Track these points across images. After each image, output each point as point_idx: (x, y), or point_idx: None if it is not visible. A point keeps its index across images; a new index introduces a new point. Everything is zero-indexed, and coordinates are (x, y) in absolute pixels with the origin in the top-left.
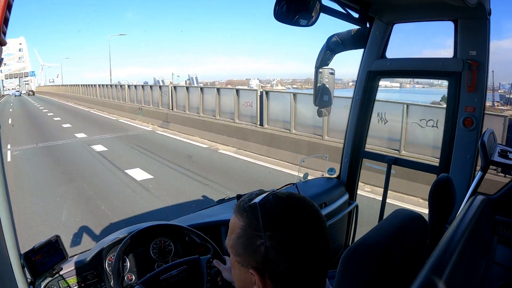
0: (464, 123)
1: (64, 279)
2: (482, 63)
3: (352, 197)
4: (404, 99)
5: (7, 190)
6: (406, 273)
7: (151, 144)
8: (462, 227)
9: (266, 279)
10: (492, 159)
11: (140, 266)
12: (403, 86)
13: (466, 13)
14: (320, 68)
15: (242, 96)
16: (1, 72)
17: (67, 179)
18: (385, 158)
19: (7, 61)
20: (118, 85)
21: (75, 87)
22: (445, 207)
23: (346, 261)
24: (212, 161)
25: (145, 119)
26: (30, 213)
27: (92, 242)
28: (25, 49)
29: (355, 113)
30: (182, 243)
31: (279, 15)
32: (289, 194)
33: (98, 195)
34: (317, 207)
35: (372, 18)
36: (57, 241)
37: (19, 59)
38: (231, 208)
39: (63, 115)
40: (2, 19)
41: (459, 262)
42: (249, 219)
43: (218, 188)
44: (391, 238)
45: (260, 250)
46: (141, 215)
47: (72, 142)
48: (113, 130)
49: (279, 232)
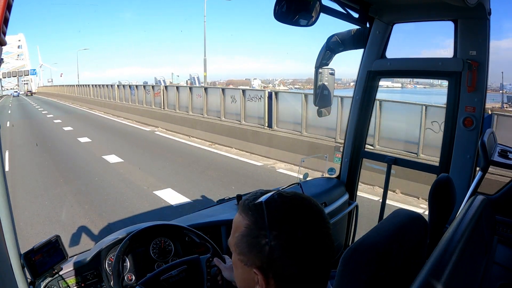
0: (464, 123)
1: (64, 279)
2: (482, 63)
3: (352, 197)
4: (406, 100)
5: (7, 190)
6: (406, 273)
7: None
8: (462, 227)
9: (270, 279)
10: (492, 159)
11: (140, 266)
12: (405, 86)
13: (466, 13)
14: (320, 68)
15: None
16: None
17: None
18: (385, 158)
19: (5, 58)
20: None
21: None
22: (445, 207)
23: (346, 261)
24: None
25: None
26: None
27: (91, 241)
28: (25, 46)
29: (355, 113)
30: (182, 243)
31: (279, 15)
32: (294, 194)
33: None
34: (322, 208)
35: (372, 18)
36: (57, 241)
37: (17, 56)
38: (231, 208)
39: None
40: (2, 19)
41: (459, 262)
42: (255, 217)
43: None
44: (391, 238)
45: (264, 249)
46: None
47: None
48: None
49: (284, 231)
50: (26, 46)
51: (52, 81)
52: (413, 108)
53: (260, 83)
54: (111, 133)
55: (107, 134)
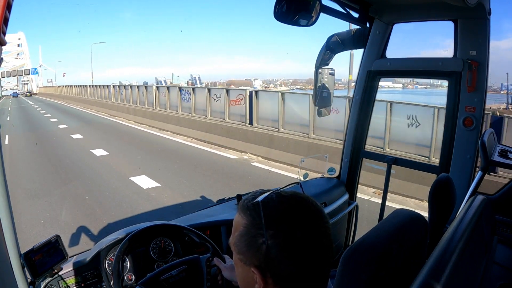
0: (464, 123)
1: (64, 279)
2: (482, 63)
3: (352, 197)
4: (407, 100)
5: (7, 190)
6: (406, 273)
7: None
8: (462, 227)
9: (268, 278)
10: (492, 159)
11: (140, 266)
12: (406, 86)
13: (466, 13)
14: (320, 68)
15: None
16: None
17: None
18: (385, 158)
19: (5, 57)
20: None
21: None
22: (445, 207)
23: (346, 261)
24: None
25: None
26: None
27: (91, 241)
28: (25, 45)
29: (355, 113)
30: (182, 243)
31: (279, 15)
32: (292, 193)
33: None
34: (321, 207)
35: (372, 18)
36: (57, 241)
37: (17, 55)
38: (231, 208)
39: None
40: (2, 19)
41: (459, 262)
42: (252, 217)
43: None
44: (391, 238)
45: (262, 249)
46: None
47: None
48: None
49: (281, 231)
50: (27, 45)
51: (52, 81)
52: (425, 111)
53: (261, 84)
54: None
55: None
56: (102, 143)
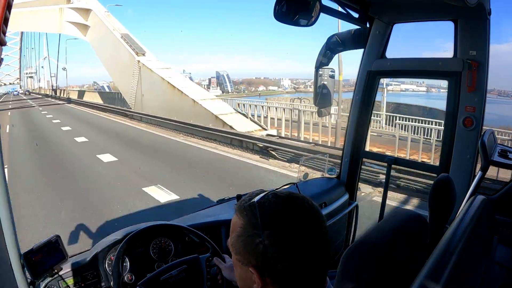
0: (464, 123)
1: (64, 279)
2: (482, 63)
3: (352, 197)
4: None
5: (7, 190)
6: (406, 273)
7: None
8: (462, 227)
9: (265, 278)
10: (492, 159)
11: (140, 266)
12: (429, 90)
13: (466, 13)
14: (320, 68)
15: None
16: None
17: None
18: (385, 158)
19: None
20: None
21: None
22: (445, 207)
23: (346, 261)
24: None
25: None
26: None
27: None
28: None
29: (355, 113)
30: (182, 243)
31: (279, 15)
32: (288, 194)
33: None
34: (317, 207)
35: (372, 18)
36: (57, 241)
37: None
38: (231, 208)
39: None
40: (2, 19)
41: (459, 262)
42: (249, 217)
43: None
44: (391, 237)
45: (258, 249)
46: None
47: None
48: None
49: (277, 231)
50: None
51: (55, 76)
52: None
53: (290, 84)
54: None
55: None
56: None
